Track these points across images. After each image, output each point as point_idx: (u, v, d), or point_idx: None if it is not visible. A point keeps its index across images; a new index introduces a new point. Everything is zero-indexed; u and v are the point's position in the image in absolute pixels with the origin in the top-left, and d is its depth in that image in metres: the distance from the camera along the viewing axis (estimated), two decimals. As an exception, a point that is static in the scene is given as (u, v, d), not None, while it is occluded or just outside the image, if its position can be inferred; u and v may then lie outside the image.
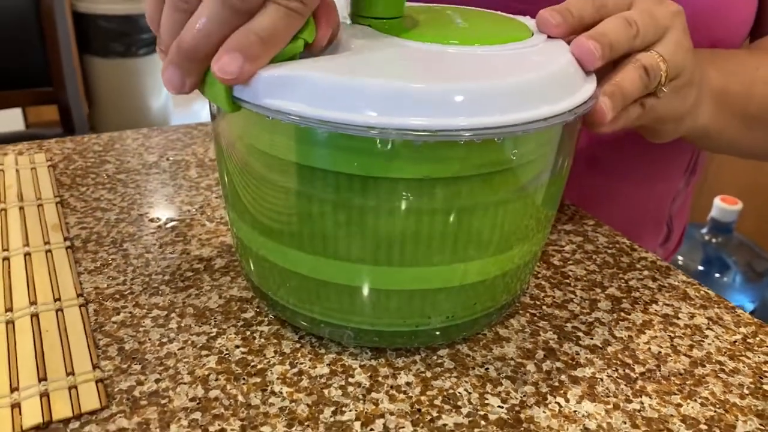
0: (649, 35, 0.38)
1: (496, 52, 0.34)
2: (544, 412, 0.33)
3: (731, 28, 0.52)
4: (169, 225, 0.49)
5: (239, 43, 0.29)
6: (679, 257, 1.46)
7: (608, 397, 0.35)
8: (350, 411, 0.33)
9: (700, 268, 1.44)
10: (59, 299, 0.40)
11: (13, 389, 0.33)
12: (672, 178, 0.63)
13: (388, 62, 0.33)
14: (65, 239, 0.46)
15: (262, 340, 0.38)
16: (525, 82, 0.31)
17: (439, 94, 0.30)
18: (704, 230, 1.46)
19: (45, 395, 0.33)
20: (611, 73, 0.37)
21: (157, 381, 0.34)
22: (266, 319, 0.39)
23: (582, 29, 0.37)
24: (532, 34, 0.38)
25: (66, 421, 0.32)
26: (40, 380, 0.34)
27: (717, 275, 1.43)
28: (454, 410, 0.33)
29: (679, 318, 0.41)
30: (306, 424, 0.32)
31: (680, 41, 0.39)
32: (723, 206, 1.41)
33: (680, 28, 0.39)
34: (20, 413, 0.32)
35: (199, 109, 2.87)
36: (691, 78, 0.41)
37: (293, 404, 0.33)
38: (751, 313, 1.50)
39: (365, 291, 0.35)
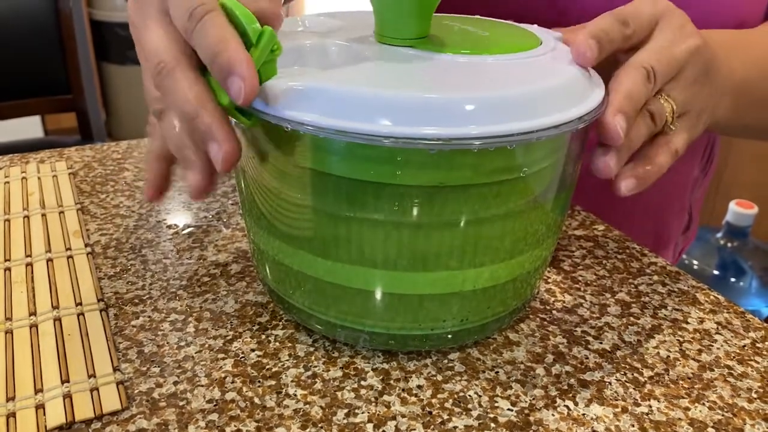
0: (666, 78, 0.38)
1: (507, 61, 0.35)
2: (553, 415, 0.34)
3: (755, 7, 0.52)
4: (186, 231, 0.50)
5: (221, 71, 0.30)
6: (695, 261, 1.45)
7: (617, 400, 0.35)
8: (363, 413, 0.34)
9: (716, 272, 1.43)
10: (80, 304, 0.41)
11: (37, 391, 0.34)
12: (689, 165, 0.65)
13: (401, 72, 0.34)
14: (86, 245, 0.47)
15: (277, 343, 0.39)
16: (535, 91, 0.32)
17: (451, 104, 0.30)
18: (719, 234, 1.45)
19: (68, 397, 0.34)
20: None
21: (175, 383, 0.35)
22: (281, 323, 0.40)
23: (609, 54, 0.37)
24: (541, 43, 0.38)
25: (88, 422, 0.33)
26: (63, 382, 0.35)
27: (732, 280, 1.42)
28: (464, 413, 0.34)
29: (688, 322, 0.42)
30: (320, 425, 0.33)
31: (695, 79, 0.39)
32: (738, 210, 1.41)
33: (697, 66, 0.39)
34: (44, 414, 0.33)
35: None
36: (702, 108, 0.41)
37: (307, 406, 0.34)
38: (768, 318, 1.47)
39: (380, 295, 0.35)
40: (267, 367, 0.37)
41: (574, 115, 0.33)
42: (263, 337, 0.39)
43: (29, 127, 2.05)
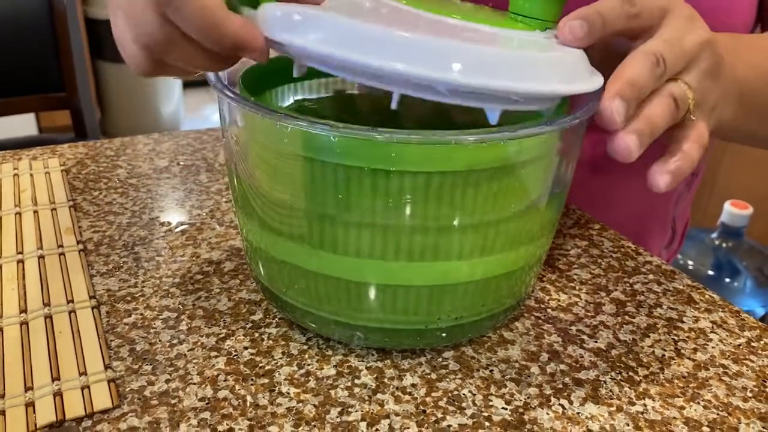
0: (676, 68, 0.37)
1: (515, 35, 0.35)
2: (547, 413, 0.34)
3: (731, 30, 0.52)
4: (179, 228, 0.50)
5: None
6: (689, 262, 1.45)
7: (611, 399, 0.35)
8: (356, 411, 0.34)
9: (710, 272, 1.44)
10: (72, 301, 0.40)
11: (28, 389, 0.34)
12: None
13: (405, 23, 0.33)
14: (78, 242, 0.47)
15: (270, 341, 0.38)
16: (541, 59, 0.33)
17: (440, 49, 0.30)
18: (714, 235, 1.46)
19: (58, 395, 0.33)
20: (639, 106, 0.36)
21: (167, 381, 0.35)
22: (274, 321, 0.40)
23: (607, 36, 0.36)
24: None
25: (79, 420, 0.32)
26: (53, 380, 0.34)
27: (727, 280, 1.43)
28: (458, 411, 0.34)
29: (683, 321, 0.42)
30: (313, 424, 0.33)
31: (708, 72, 0.38)
32: (733, 211, 1.41)
33: (710, 60, 0.38)
34: (34, 412, 0.32)
35: (209, 114, 2.89)
36: (714, 105, 0.40)
37: (300, 405, 0.34)
38: (762, 317, 1.47)
39: (373, 287, 0.35)
40: (260, 365, 0.36)
41: (574, 90, 0.33)
42: (256, 335, 0.39)
43: (23, 125, 2.04)
